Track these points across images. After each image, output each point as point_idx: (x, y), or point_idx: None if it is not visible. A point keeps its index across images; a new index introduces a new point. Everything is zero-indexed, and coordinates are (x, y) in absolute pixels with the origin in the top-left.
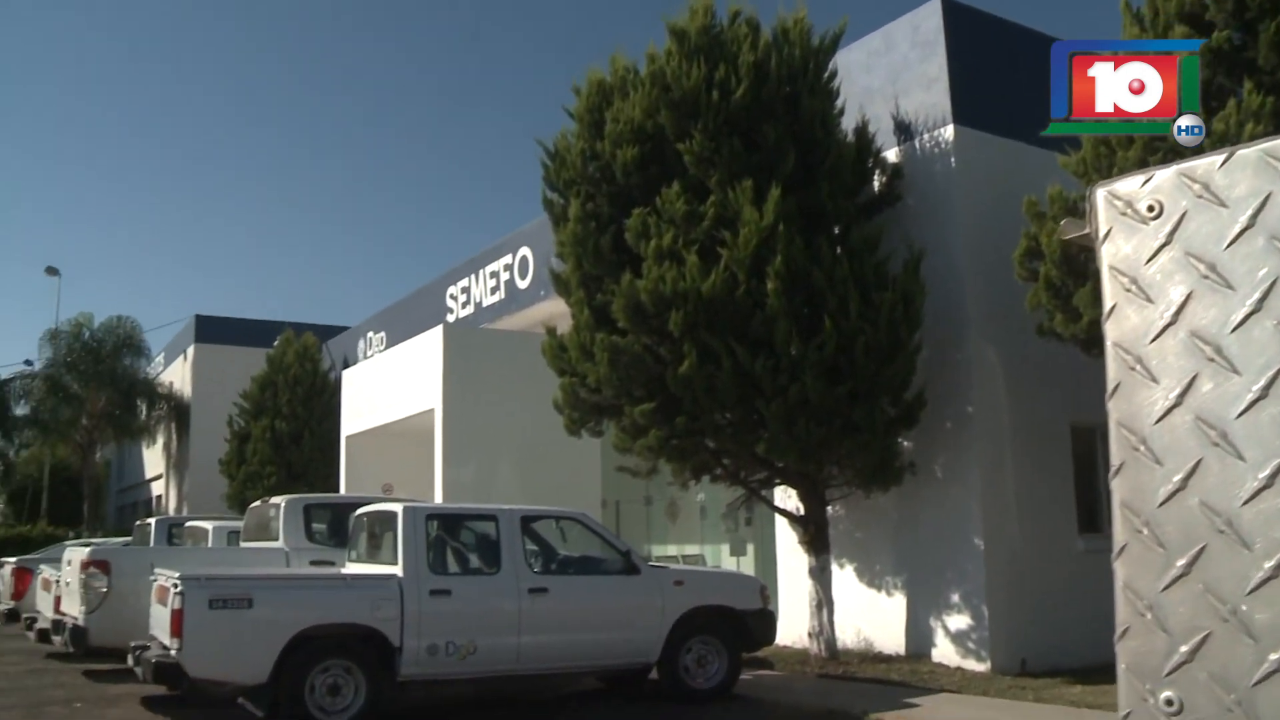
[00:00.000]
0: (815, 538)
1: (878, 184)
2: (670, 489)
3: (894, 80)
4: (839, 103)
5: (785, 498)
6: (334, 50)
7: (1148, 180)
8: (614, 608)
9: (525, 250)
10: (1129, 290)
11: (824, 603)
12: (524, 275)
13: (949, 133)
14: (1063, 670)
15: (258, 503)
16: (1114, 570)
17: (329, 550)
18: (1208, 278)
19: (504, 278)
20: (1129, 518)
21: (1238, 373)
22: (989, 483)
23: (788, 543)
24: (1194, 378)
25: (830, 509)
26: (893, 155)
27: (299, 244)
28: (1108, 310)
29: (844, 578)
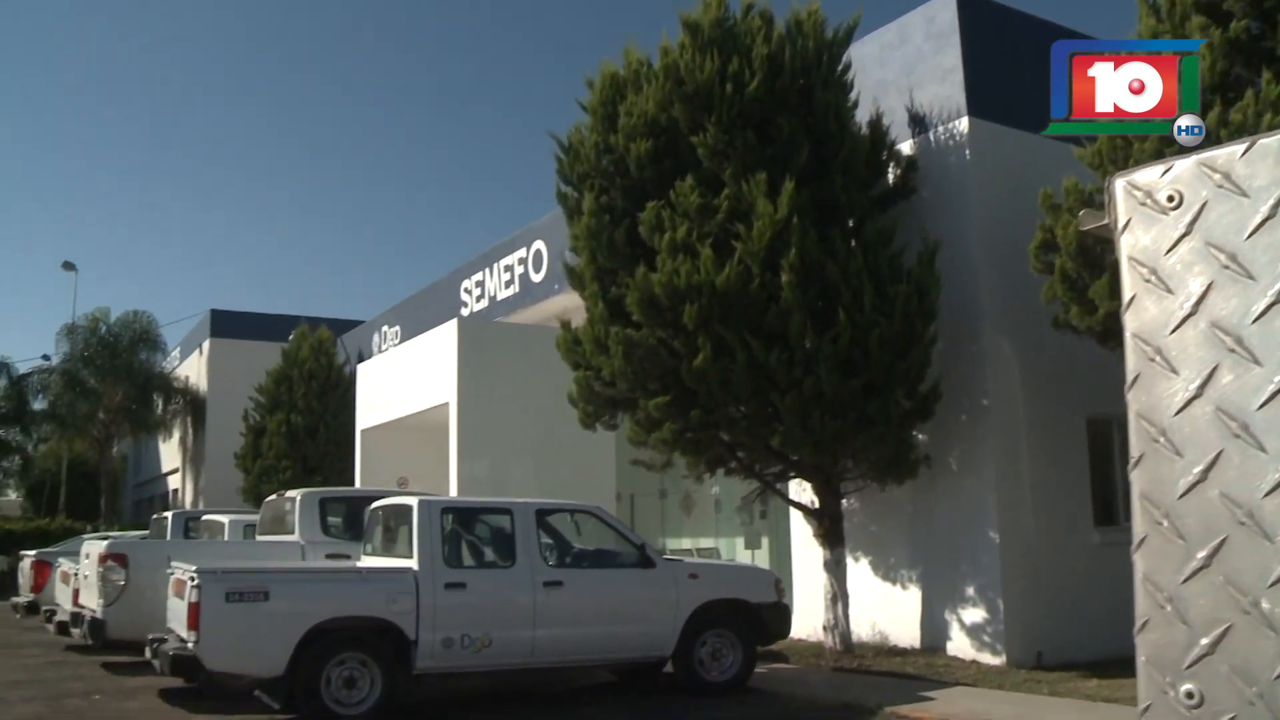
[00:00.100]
0: (830, 531)
1: (892, 177)
2: (685, 482)
3: (908, 73)
4: (853, 95)
5: (800, 491)
6: (348, 47)
7: (1167, 170)
8: (629, 601)
9: (539, 244)
10: (1148, 281)
11: (839, 596)
12: (538, 269)
13: (963, 125)
14: (1079, 664)
15: (273, 496)
16: (1134, 562)
17: (344, 544)
18: (1228, 268)
19: (518, 271)
20: (1149, 509)
21: (1259, 364)
22: (1004, 476)
23: (802, 536)
24: (1214, 369)
25: (845, 502)
26: (907, 148)
27: (314, 239)
28: (1127, 301)
29: (859, 571)
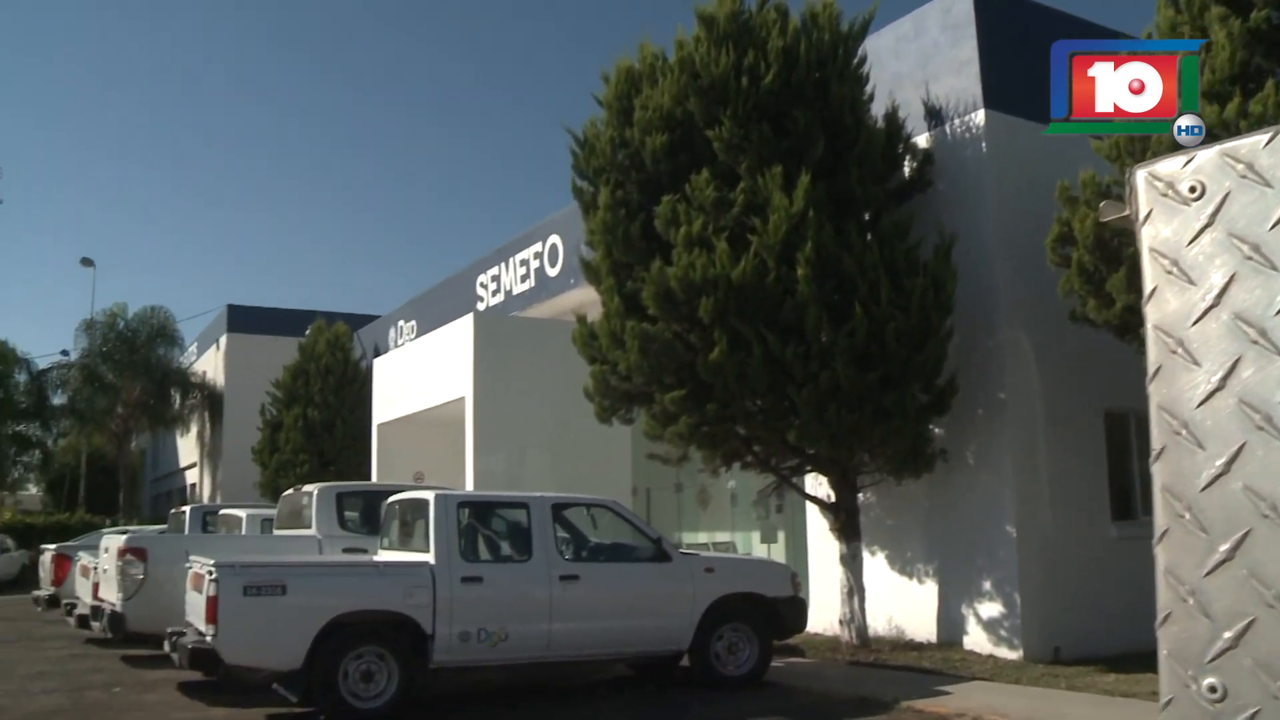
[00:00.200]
0: (846, 525)
1: (908, 169)
2: (701, 476)
3: (924, 65)
4: (869, 88)
5: (816, 485)
6: (363, 43)
7: (1189, 161)
8: (645, 595)
9: (555, 238)
10: (1170, 272)
11: (855, 590)
12: (554, 263)
13: (980, 118)
14: (1096, 658)
15: (290, 491)
16: (1155, 555)
17: (361, 538)
18: (1251, 259)
19: (534, 266)
20: (1170, 502)
21: None
22: (1021, 469)
23: (819, 530)
24: (1237, 361)
25: (861, 496)
26: (923, 141)
27: (330, 234)
28: (1148, 293)
29: (875, 565)
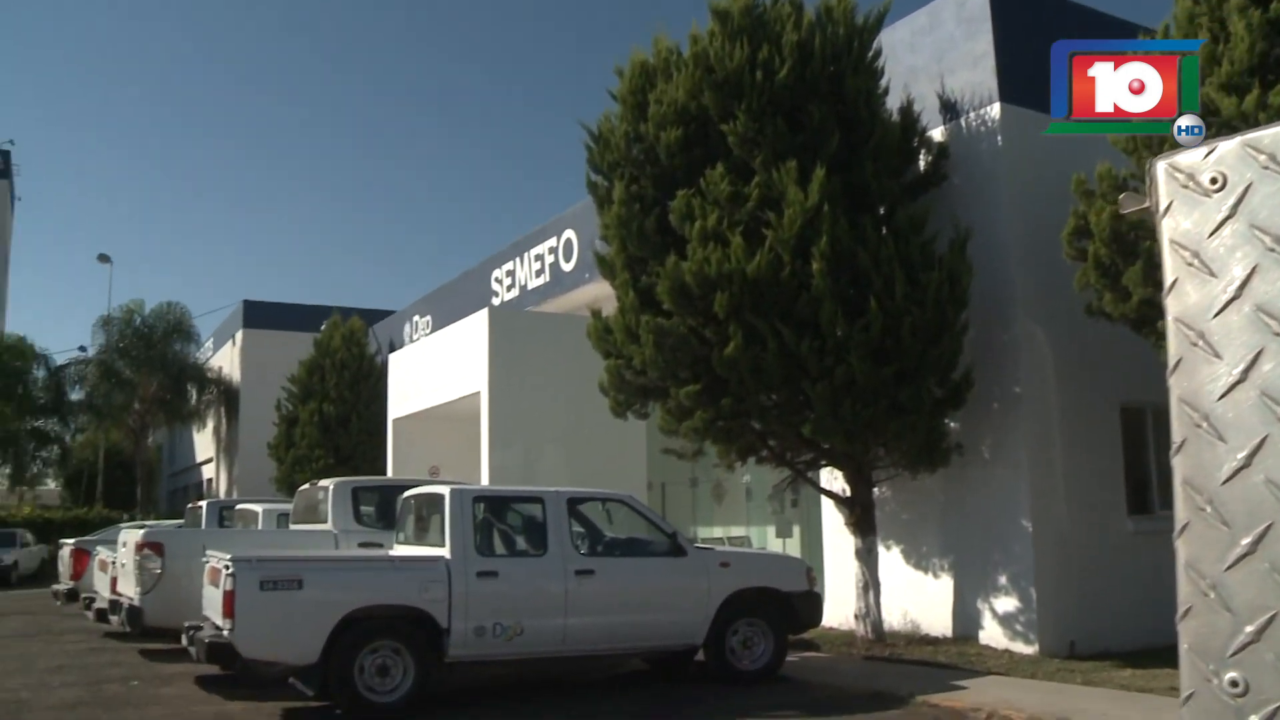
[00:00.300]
0: (861, 519)
1: (923, 163)
2: (716, 471)
3: (939, 58)
4: (883, 82)
5: (831, 479)
6: (379, 42)
7: (1210, 152)
8: (660, 589)
9: (570, 233)
10: (1191, 265)
11: (870, 584)
12: (568, 258)
13: (995, 111)
14: (1112, 653)
15: (306, 485)
16: (1176, 549)
17: (377, 532)
18: (1273, 251)
19: (549, 260)
20: (1191, 496)
21: None
22: (1037, 464)
23: (834, 524)
24: (1259, 353)
25: (876, 490)
26: (938, 134)
27: (345, 230)
28: (1169, 285)
29: (890, 559)
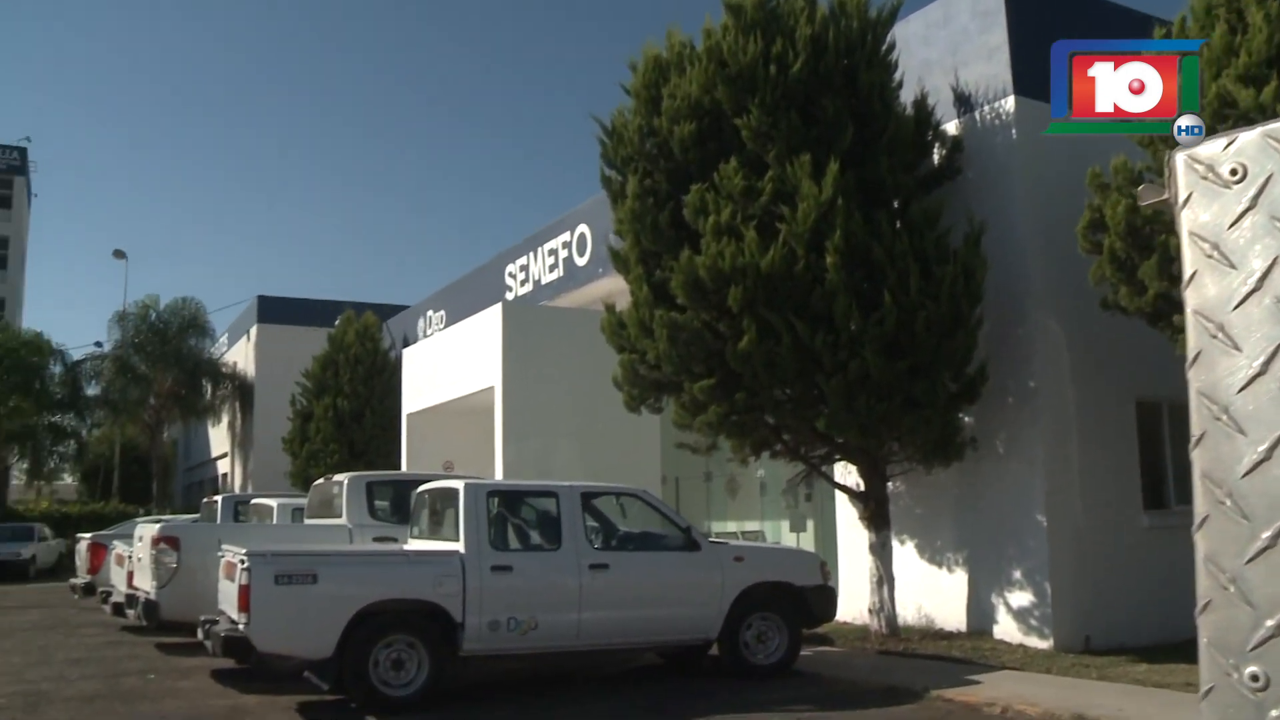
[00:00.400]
0: (876, 514)
1: (937, 157)
2: (730, 465)
3: (953, 52)
4: (897, 75)
5: (845, 473)
6: (392, 36)
7: (1230, 143)
8: (674, 584)
9: (583, 227)
10: (1210, 257)
11: (884, 579)
12: (582, 252)
13: (1010, 104)
14: (1127, 648)
15: (321, 480)
16: (1195, 543)
17: (391, 527)
18: None
19: (562, 255)
20: (1211, 489)
21: None
22: (1052, 458)
23: (848, 519)
24: (1279, 346)
25: (891, 485)
26: (952, 128)
27: (360, 225)
28: (1188, 277)
29: (905, 554)
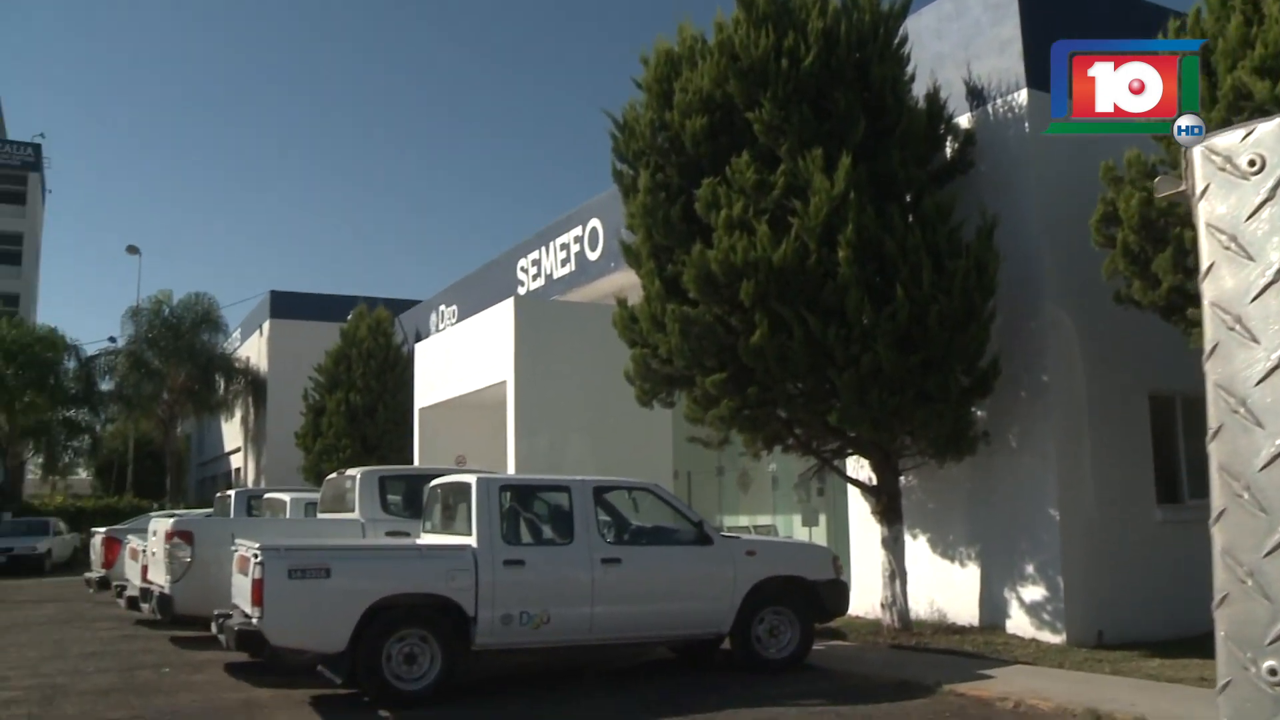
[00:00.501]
0: (888, 508)
1: (950, 151)
2: (742, 459)
3: (966, 45)
4: (909, 69)
5: (858, 468)
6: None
7: (1249, 134)
8: (686, 578)
9: (595, 222)
10: (1228, 249)
11: (897, 573)
12: (594, 247)
13: (1022, 97)
14: (1140, 643)
15: (334, 475)
16: (1212, 536)
17: (404, 521)
18: None
19: (574, 250)
20: (1228, 482)
21: None
22: (1064, 452)
23: (860, 513)
24: None
25: (903, 479)
26: (965, 121)
27: (372, 220)
28: (1205, 269)
29: (917, 548)
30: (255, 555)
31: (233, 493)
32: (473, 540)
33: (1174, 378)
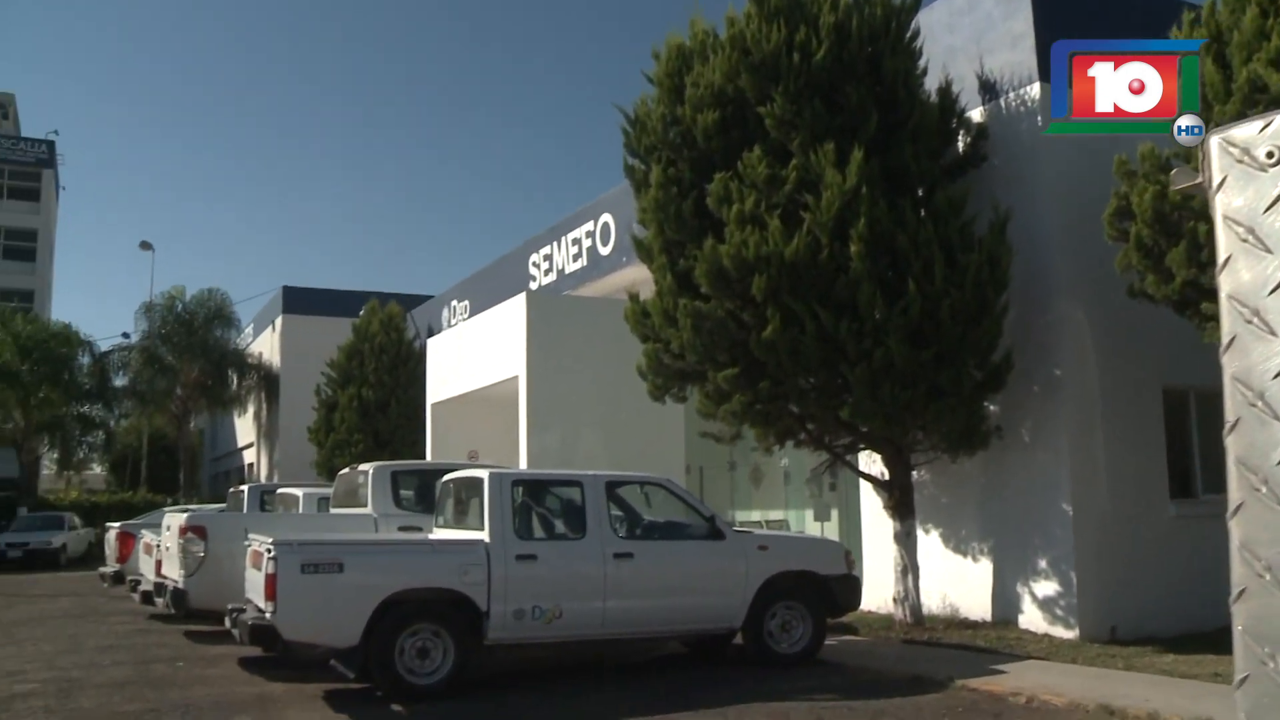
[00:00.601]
0: (900, 503)
1: (962, 145)
2: (754, 454)
3: (978, 39)
4: (922, 63)
5: (870, 462)
6: (414, 27)
7: (1267, 125)
8: (698, 573)
9: (607, 217)
10: (1245, 241)
11: (909, 568)
12: (606, 242)
13: (1034, 91)
14: (1154, 638)
15: (346, 470)
16: (1229, 530)
17: (416, 516)
18: None
19: (586, 245)
20: (1245, 475)
21: None
22: (1077, 447)
23: (872, 508)
24: None
25: (915, 474)
26: (977, 115)
27: (384, 215)
28: (1222, 262)
29: (929, 543)
30: (268, 550)
31: (246, 488)
32: (485, 535)
33: (1187, 372)
